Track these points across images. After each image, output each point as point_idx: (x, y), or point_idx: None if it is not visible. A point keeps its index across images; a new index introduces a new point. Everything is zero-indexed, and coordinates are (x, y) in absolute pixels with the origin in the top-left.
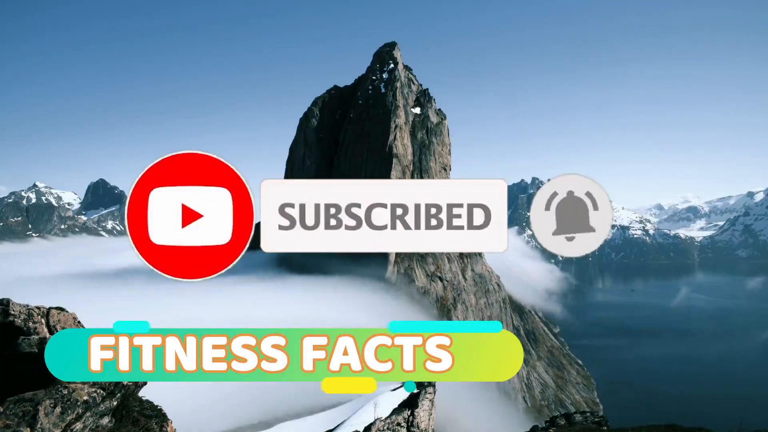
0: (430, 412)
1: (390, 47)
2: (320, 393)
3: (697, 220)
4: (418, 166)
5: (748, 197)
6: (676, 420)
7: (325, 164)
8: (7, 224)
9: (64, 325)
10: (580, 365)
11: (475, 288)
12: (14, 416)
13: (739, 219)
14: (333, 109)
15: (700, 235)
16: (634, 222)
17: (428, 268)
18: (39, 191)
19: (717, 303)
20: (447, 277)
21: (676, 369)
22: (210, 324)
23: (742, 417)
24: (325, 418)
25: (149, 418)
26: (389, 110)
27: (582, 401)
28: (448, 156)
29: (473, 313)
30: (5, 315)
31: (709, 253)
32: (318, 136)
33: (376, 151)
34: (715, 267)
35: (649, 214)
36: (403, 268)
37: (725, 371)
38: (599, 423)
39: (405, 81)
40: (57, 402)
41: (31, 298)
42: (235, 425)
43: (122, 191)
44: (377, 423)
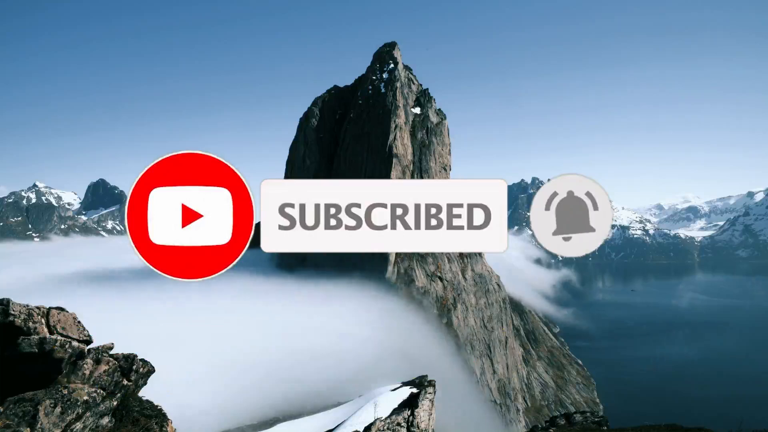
0: (430, 412)
1: (390, 47)
2: (320, 393)
3: (697, 220)
4: (418, 166)
5: (748, 197)
6: (676, 420)
7: (325, 164)
8: (7, 224)
9: (64, 324)
10: (580, 365)
11: (475, 288)
12: (14, 416)
13: (739, 219)
14: (333, 109)
15: (700, 235)
16: (634, 222)
17: (428, 268)
18: (39, 191)
19: (717, 303)
20: (447, 277)
21: (676, 369)
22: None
23: (742, 417)
24: (325, 418)
25: (149, 418)
26: (389, 110)
27: (582, 401)
28: (448, 156)
29: (473, 313)
30: (5, 315)
31: (709, 253)
32: (318, 136)
33: (376, 151)
34: (715, 267)
35: (649, 214)
36: (403, 268)
37: (725, 371)
38: (599, 423)
39: (405, 81)
40: (57, 402)
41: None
42: (235, 425)
43: (122, 191)
44: (377, 423)
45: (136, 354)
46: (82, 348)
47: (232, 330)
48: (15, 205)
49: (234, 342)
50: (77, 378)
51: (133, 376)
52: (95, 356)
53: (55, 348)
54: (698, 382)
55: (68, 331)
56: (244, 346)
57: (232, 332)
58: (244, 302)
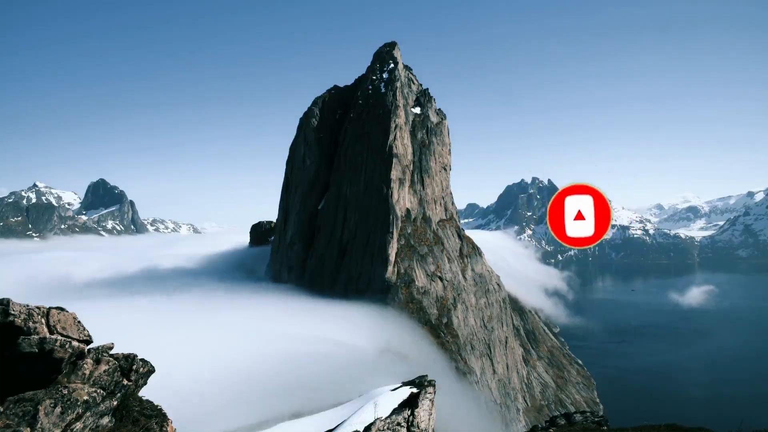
0: (430, 412)
1: (390, 47)
2: (320, 393)
3: (697, 220)
4: (418, 165)
5: (748, 197)
6: (676, 420)
7: (325, 164)
8: (7, 224)
9: (64, 325)
10: (580, 365)
11: (475, 288)
12: (14, 416)
13: (739, 219)
14: (333, 109)
15: (700, 235)
16: (634, 222)
17: (428, 268)
18: (39, 191)
19: (717, 303)
20: (447, 277)
21: (676, 369)
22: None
23: (742, 417)
24: (325, 418)
25: (149, 418)
26: (389, 110)
27: (582, 401)
28: (448, 156)
29: (473, 313)
30: (5, 315)
31: (709, 253)
32: (318, 135)
33: (376, 151)
34: (715, 267)
35: (649, 214)
36: (403, 268)
37: (725, 371)
38: (599, 423)
39: (405, 81)
40: (57, 402)
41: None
42: (235, 425)
43: (122, 191)
44: (377, 423)
45: (136, 354)
46: (82, 348)
47: (234, 333)
48: (15, 205)
49: (235, 343)
50: (77, 378)
51: (133, 376)
52: (95, 356)
53: (55, 348)
54: (698, 382)
55: (68, 331)
56: (245, 348)
57: (234, 335)
58: (244, 306)
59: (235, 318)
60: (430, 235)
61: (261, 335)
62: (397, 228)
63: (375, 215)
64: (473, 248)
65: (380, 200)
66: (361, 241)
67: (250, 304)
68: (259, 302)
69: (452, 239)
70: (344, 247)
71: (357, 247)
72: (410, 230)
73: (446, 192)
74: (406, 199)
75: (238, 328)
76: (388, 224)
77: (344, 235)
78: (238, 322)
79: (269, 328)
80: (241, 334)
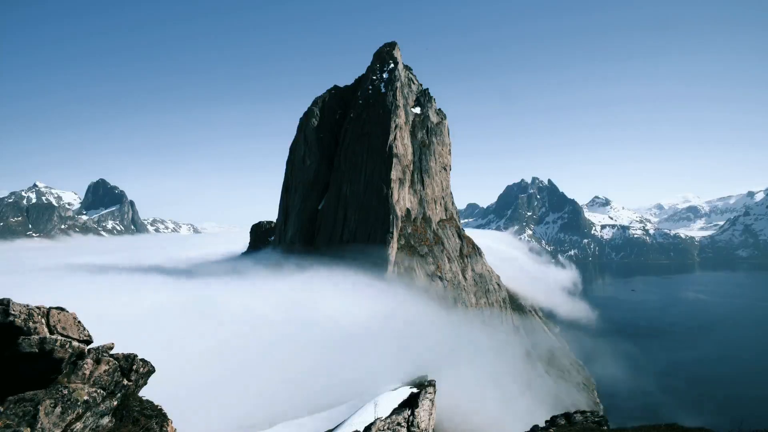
0: (430, 412)
1: (390, 47)
2: (320, 393)
3: (697, 219)
4: (418, 165)
5: (748, 197)
6: (676, 420)
7: (325, 164)
8: (7, 224)
9: (64, 324)
10: (580, 365)
11: (475, 288)
12: (14, 416)
13: (739, 219)
14: (333, 109)
15: (700, 234)
16: (635, 222)
17: (428, 267)
18: (39, 191)
19: (717, 303)
20: (447, 277)
21: (677, 369)
22: None
23: (742, 417)
24: (325, 418)
25: (149, 418)
26: (389, 110)
27: (582, 401)
28: (448, 156)
29: (473, 312)
30: (5, 315)
31: (709, 253)
32: (318, 135)
33: (376, 150)
34: (715, 267)
35: (649, 214)
36: (403, 268)
37: (725, 371)
38: (599, 423)
39: (405, 81)
40: (57, 402)
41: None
42: (235, 425)
43: (122, 191)
44: (377, 423)
45: (137, 354)
46: (82, 348)
47: (235, 333)
48: (15, 205)
49: (236, 344)
50: (77, 378)
51: (133, 376)
52: (95, 356)
53: (56, 348)
54: (698, 382)
55: (68, 331)
56: (245, 348)
57: (234, 335)
58: (245, 309)
59: (235, 318)
60: (430, 235)
61: (261, 335)
62: (397, 228)
63: (375, 215)
64: (473, 248)
65: (380, 200)
66: (361, 240)
67: (252, 304)
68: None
69: (452, 239)
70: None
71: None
72: (410, 230)
73: (446, 192)
74: (406, 199)
75: (239, 328)
76: (388, 224)
77: (344, 234)
78: (238, 321)
79: (269, 327)
80: (241, 334)
